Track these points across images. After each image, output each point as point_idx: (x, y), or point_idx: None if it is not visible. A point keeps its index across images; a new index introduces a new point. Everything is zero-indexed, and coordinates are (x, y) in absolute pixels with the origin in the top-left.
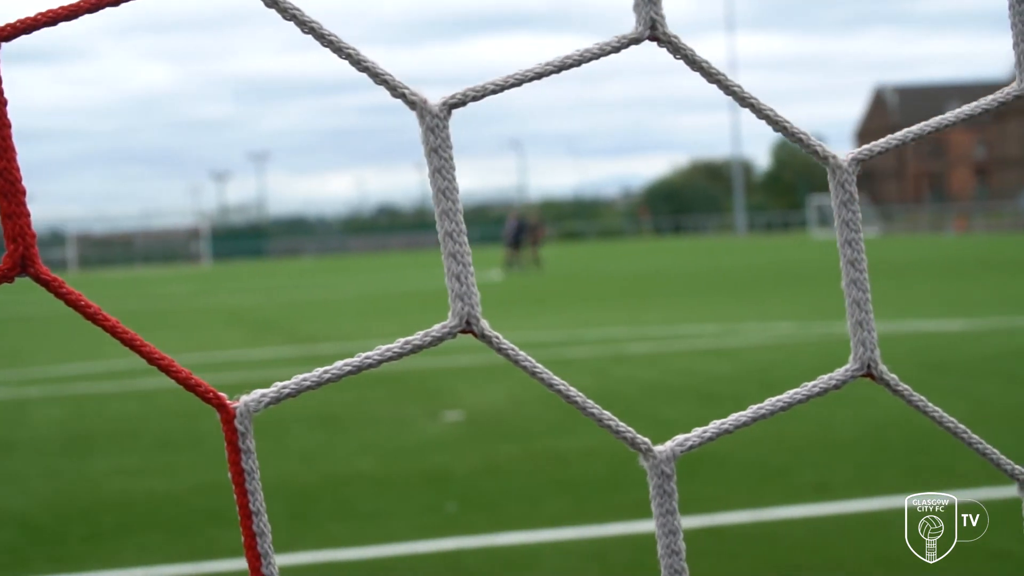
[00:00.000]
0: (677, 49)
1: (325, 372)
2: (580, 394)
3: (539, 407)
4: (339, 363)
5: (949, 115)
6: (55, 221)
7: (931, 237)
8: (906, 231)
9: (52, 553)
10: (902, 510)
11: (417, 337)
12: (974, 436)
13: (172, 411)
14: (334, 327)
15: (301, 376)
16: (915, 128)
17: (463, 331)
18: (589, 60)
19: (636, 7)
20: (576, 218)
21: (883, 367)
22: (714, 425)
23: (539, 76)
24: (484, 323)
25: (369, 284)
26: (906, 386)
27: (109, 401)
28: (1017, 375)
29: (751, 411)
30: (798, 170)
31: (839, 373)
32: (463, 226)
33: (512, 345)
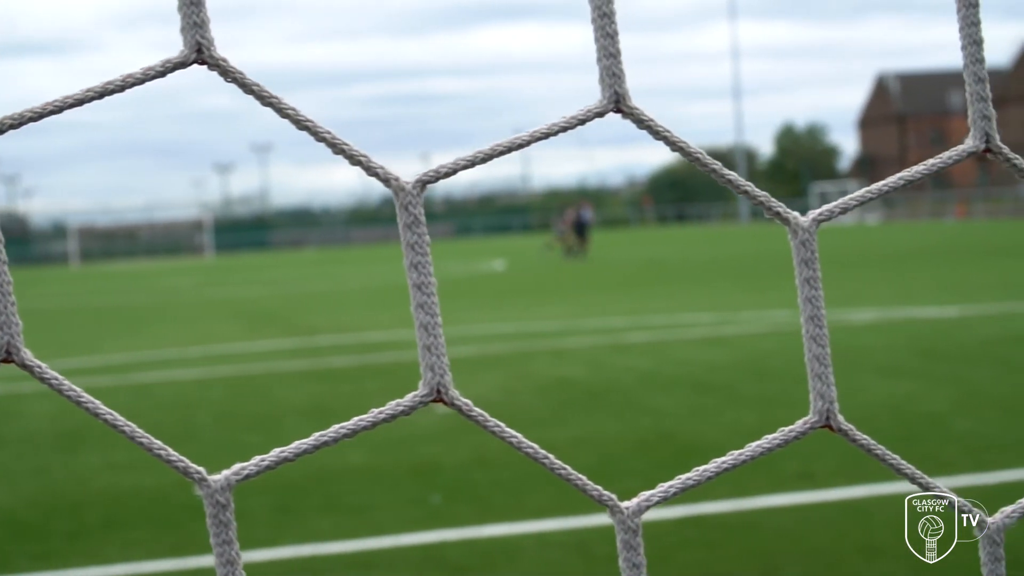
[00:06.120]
0: (226, 72)
1: None
2: (129, 423)
3: (532, 398)
4: None
5: (505, 141)
6: (58, 214)
7: (931, 224)
8: (907, 218)
9: (34, 550)
10: (884, 499)
11: None
12: (556, 462)
13: (166, 405)
14: (334, 319)
15: None
16: (487, 150)
17: (3, 360)
18: (132, 85)
19: (182, 31)
20: (569, 209)
21: (454, 392)
22: (274, 453)
23: (80, 103)
24: (26, 352)
25: (373, 275)
26: (480, 411)
27: (102, 395)
28: (1011, 361)
29: (314, 438)
30: (801, 157)
31: (407, 399)
32: None
33: (55, 374)
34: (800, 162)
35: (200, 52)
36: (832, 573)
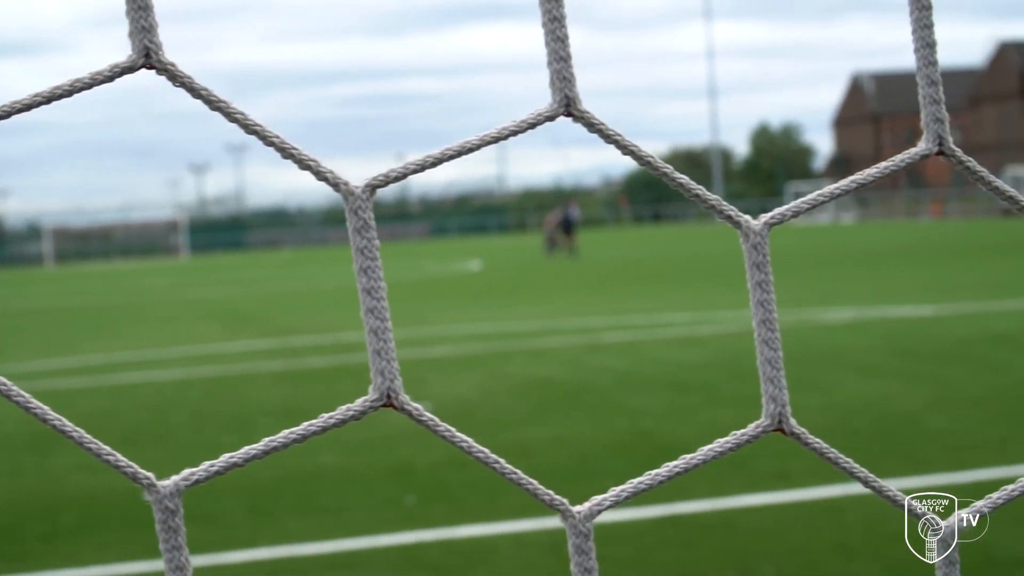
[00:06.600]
0: (174, 76)
1: None
2: (77, 429)
3: (509, 398)
4: None
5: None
6: (32, 215)
7: (906, 223)
8: (882, 217)
9: (8, 552)
10: (858, 498)
11: None
12: (507, 467)
13: (142, 406)
14: (311, 319)
15: None
16: (437, 154)
17: None
18: (81, 90)
19: (130, 35)
20: (556, 208)
21: (404, 396)
22: (224, 458)
23: (28, 107)
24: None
25: (348, 276)
26: (430, 415)
27: (79, 396)
28: (987, 360)
29: (263, 443)
30: (776, 157)
31: (358, 404)
32: None
33: (3, 379)
34: (775, 162)
35: (148, 56)
36: (807, 572)
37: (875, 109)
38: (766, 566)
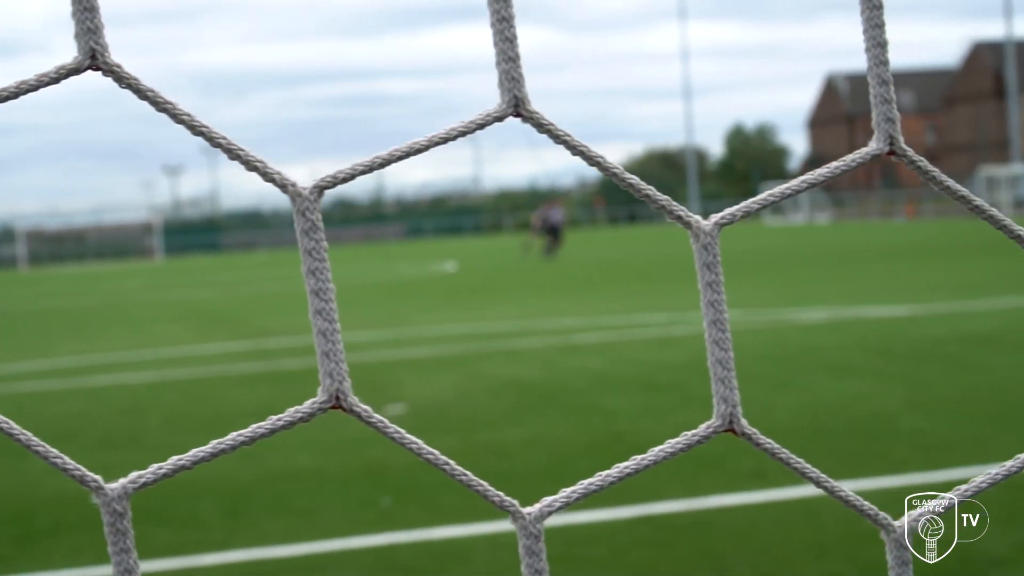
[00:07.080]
0: (120, 78)
1: None
2: (25, 432)
3: (484, 399)
4: None
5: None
6: (5, 217)
7: (881, 223)
8: (857, 217)
9: None
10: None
11: None
12: (457, 468)
13: (116, 409)
14: (286, 321)
15: None
16: (385, 155)
17: None
18: (27, 91)
19: (76, 37)
20: (531, 208)
21: (353, 398)
22: (172, 460)
23: None
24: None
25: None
26: (379, 417)
27: (54, 399)
28: (961, 360)
29: (211, 445)
30: (751, 158)
31: (306, 406)
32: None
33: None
34: (750, 162)
35: (94, 58)
36: (782, 571)
37: (849, 109)
38: (741, 566)
